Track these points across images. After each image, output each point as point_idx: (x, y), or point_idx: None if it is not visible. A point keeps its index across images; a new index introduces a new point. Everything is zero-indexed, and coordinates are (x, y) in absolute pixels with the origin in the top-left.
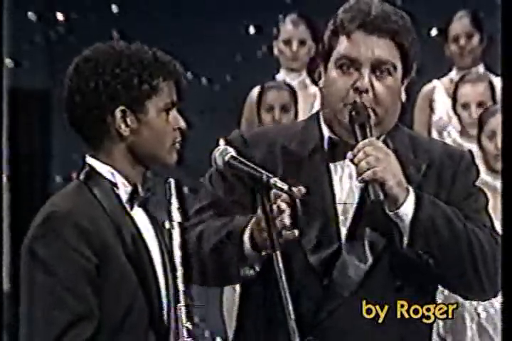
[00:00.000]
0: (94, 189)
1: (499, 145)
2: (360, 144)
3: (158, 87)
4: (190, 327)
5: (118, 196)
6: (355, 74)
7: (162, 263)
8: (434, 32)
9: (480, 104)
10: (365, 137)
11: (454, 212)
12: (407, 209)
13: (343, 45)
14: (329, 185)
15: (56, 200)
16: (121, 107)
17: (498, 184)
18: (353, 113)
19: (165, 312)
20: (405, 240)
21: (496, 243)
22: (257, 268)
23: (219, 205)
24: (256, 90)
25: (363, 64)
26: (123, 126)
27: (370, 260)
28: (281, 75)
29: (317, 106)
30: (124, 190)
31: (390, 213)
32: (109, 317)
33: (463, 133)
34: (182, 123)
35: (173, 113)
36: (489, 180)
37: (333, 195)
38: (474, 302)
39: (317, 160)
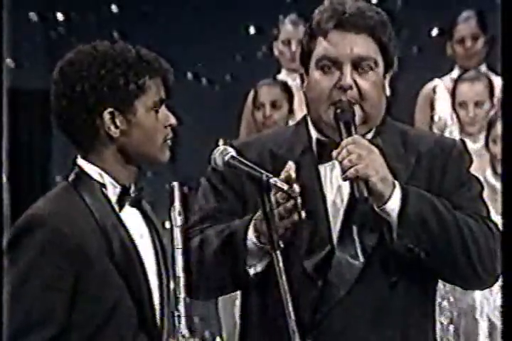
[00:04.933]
0: (81, 190)
1: None
2: (344, 142)
3: (145, 86)
4: (187, 335)
5: (107, 197)
6: (336, 73)
7: (156, 264)
8: (434, 32)
9: (477, 104)
10: (350, 135)
11: (443, 204)
12: (393, 205)
13: (321, 46)
14: (319, 187)
15: (39, 203)
16: (110, 109)
17: None
18: (338, 111)
19: (158, 317)
20: (394, 235)
21: (490, 231)
22: (261, 267)
23: (212, 218)
24: (252, 91)
25: (343, 62)
26: (112, 127)
27: (363, 258)
28: (282, 76)
29: None
30: (112, 191)
31: (378, 209)
32: (87, 321)
33: (462, 131)
34: (172, 120)
35: (163, 110)
36: (495, 183)
37: (324, 197)
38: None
39: (306, 163)
